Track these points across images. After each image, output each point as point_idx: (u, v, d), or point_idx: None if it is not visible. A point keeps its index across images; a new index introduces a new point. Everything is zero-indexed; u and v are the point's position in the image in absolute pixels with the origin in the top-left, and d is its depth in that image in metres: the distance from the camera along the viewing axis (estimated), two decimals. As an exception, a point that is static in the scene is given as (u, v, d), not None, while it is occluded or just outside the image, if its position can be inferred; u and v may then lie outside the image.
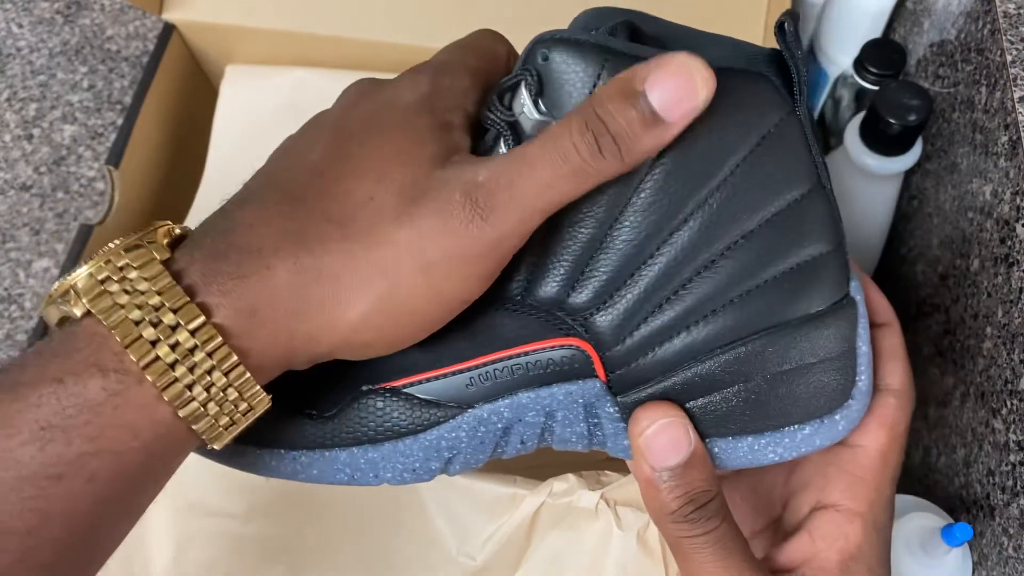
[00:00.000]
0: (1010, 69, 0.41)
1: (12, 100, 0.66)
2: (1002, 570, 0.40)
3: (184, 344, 0.24)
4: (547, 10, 0.54)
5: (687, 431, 0.28)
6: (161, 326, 0.24)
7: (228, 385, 0.25)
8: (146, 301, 0.24)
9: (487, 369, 0.29)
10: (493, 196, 0.25)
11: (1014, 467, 0.38)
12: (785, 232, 0.28)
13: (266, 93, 0.56)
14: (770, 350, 0.28)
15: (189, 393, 0.24)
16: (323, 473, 0.29)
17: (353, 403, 0.29)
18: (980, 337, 0.43)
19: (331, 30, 0.55)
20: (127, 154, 0.53)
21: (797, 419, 0.29)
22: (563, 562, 0.42)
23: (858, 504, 0.30)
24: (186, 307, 0.24)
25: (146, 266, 0.25)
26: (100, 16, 0.69)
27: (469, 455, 0.30)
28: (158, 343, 0.24)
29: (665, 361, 0.28)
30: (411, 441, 0.29)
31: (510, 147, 0.27)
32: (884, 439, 0.30)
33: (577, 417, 0.29)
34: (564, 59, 0.26)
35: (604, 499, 0.41)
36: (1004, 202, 0.41)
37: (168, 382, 0.24)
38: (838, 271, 0.29)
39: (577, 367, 0.29)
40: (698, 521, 0.28)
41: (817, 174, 0.28)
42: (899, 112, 0.45)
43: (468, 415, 0.29)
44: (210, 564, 0.42)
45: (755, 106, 0.27)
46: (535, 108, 0.27)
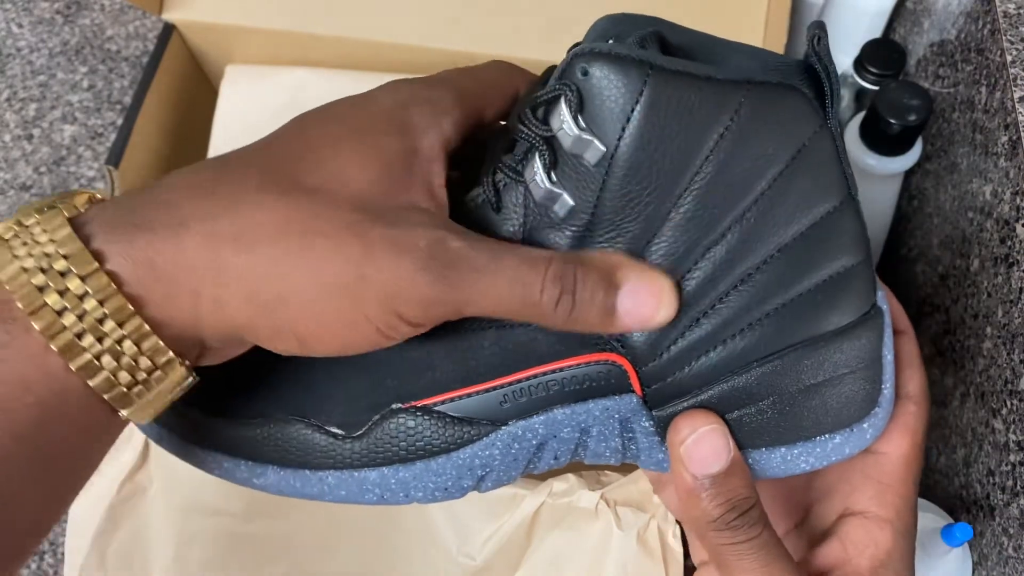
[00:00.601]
0: (1010, 69, 0.41)
1: (12, 100, 0.66)
2: (1002, 570, 0.40)
3: (74, 291, 0.23)
4: (547, 10, 0.54)
5: (727, 439, 0.28)
6: (51, 272, 0.23)
7: (124, 337, 0.24)
8: (41, 251, 0.23)
9: (522, 386, 0.28)
10: (453, 266, 0.25)
11: (1014, 467, 0.38)
12: (818, 245, 0.28)
13: (266, 93, 0.56)
14: (805, 362, 0.28)
15: (79, 342, 0.23)
16: (351, 494, 0.29)
17: (382, 422, 0.28)
18: (980, 337, 0.43)
19: (331, 30, 0.55)
20: (127, 154, 0.53)
21: (828, 428, 0.29)
22: (563, 562, 0.42)
23: (886, 511, 0.30)
24: (79, 253, 0.23)
25: (50, 219, 0.24)
26: (100, 16, 0.69)
27: (502, 472, 0.29)
28: (46, 289, 0.23)
29: (701, 375, 0.28)
30: (444, 460, 0.29)
31: (545, 162, 0.27)
32: (907, 445, 0.31)
33: (612, 432, 0.29)
34: (605, 74, 0.26)
35: (604, 499, 0.41)
36: (1004, 202, 0.41)
37: (56, 329, 0.23)
38: (867, 282, 0.29)
39: (613, 382, 0.29)
40: (741, 528, 0.28)
41: (848, 186, 0.28)
42: (899, 112, 0.45)
43: (502, 432, 0.29)
44: (210, 563, 0.42)
45: (790, 120, 0.27)
46: (575, 124, 0.26)
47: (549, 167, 0.27)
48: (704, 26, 0.30)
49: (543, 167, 0.27)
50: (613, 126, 0.26)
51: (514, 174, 0.27)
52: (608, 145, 0.26)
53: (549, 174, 0.27)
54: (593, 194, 0.26)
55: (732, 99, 0.26)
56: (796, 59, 0.28)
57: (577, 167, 0.26)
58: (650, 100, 0.25)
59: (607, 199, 0.26)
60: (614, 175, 0.26)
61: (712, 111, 0.26)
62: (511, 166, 0.27)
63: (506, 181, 0.27)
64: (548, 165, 0.27)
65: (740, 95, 0.26)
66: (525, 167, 0.27)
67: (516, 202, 0.27)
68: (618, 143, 0.26)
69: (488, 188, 0.28)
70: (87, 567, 0.42)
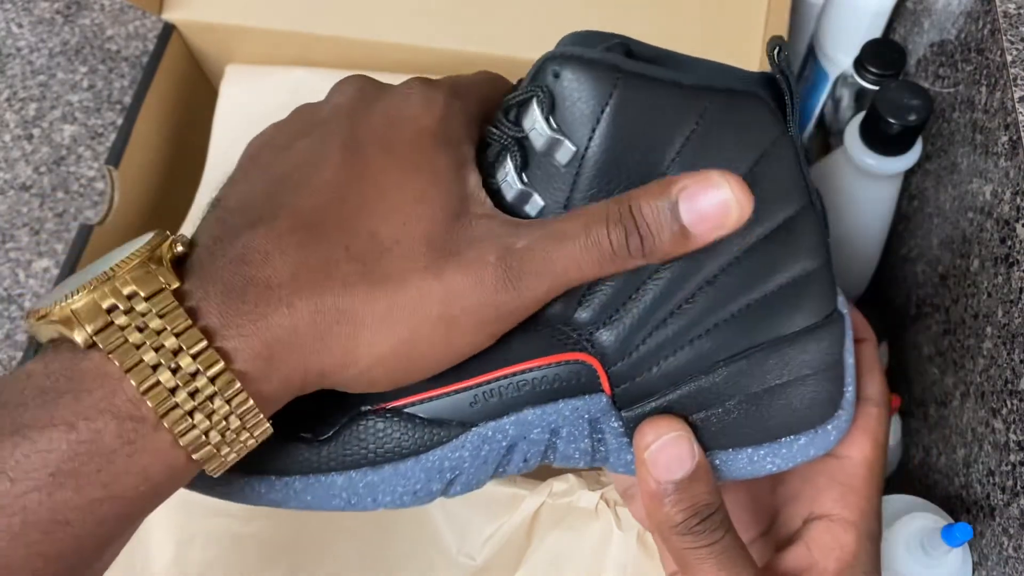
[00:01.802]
0: (1010, 69, 0.41)
1: (12, 100, 0.66)
2: (1002, 570, 0.40)
3: (203, 391, 0.23)
4: (547, 10, 0.54)
5: (691, 445, 0.29)
6: (180, 372, 0.23)
7: (242, 428, 0.25)
8: (161, 343, 0.23)
9: (492, 386, 0.28)
10: (526, 265, 0.25)
11: (1014, 467, 0.38)
12: (780, 248, 0.28)
13: (266, 93, 0.56)
14: (770, 362, 0.29)
15: (205, 438, 0.24)
16: (317, 499, 0.29)
17: (351, 425, 0.28)
18: (980, 337, 0.43)
19: (331, 30, 0.55)
20: (127, 154, 0.53)
21: (793, 429, 0.30)
22: (563, 562, 0.42)
23: (851, 513, 0.31)
24: (206, 353, 0.23)
25: (156, 297, 0.23)
26: (100, 16, 0.69)
27: (471, 475, 0.29)
28: (177, 390, 0.23)
29: (669, 375, 0.29)
30: (412, 463, 0.28)
31: (516, 164, 0.27)
32: (869, 448, 0.31)
33: (582, 433, 0.29)
34: (576, 77, 0.26)
35: (604, 499, 0.41)
36: (1004, 202, 0.41)
37: (186, 429, 0.23)
38: (828, 286, 0.30)
39: (583, 382, 0.29)
40: (703, 533, 0.28)
41: (808, 193, 0.29)
42: (899, 112, 0.45)
43: (472, 434, 0.29)
44: (210, 564, 0.42)
45: (753, 126, 0.27)
46: (547, 125, 0.27)
47: (520, 168, 0.27)
48: (705, 26, 0.31)
49: (515, 168, 0.27)
50: (584, 127, 0.26)
51: (486, 176, 0.28)
52: (579, 145, 0.26)
53: (520, 175, 0.27)
54: (563, 194, 0.27)
55: (697, 104, 0.27)
56: (759, 72, 0.29)
57: (548, 167, 0.27)
58: (619, 102, 0.26)
59: (577, 199, 0.27)
60: (584, 175, 0.27)
61: (678, 115, 0.26)
62: (484, 168, 0.28)
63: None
64: (519, 166, 0.27)
65: (705, 100, 0.27)
66: (496, 169, 0.28)
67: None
68: (588, 143, 0.26)
69: None
70: (87, 567, 0.42)
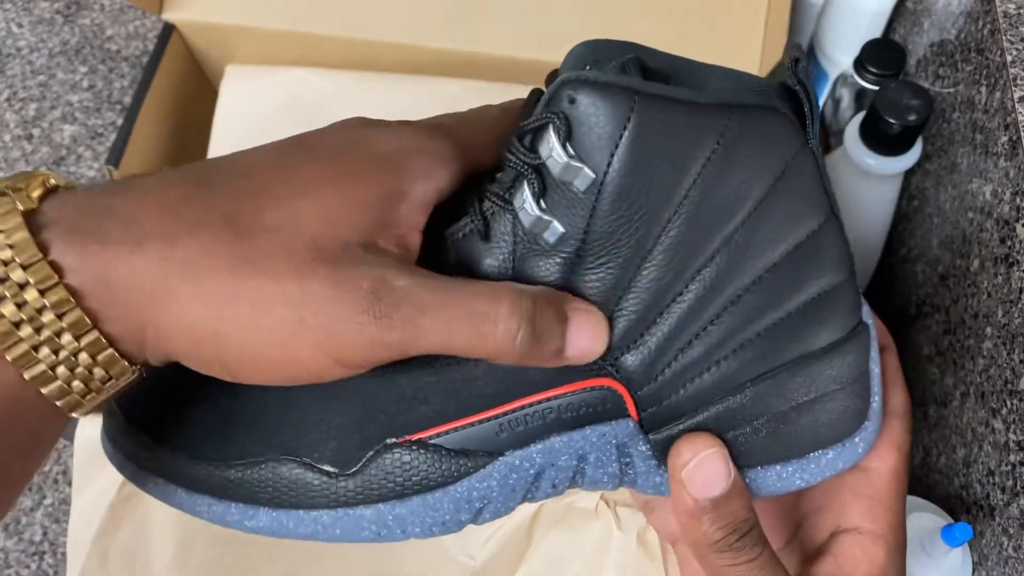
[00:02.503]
0: (1010, 69, 0.41)
1: (12, 100, 0.66)
2: (1002, 570, 0.40)
3: (32, 304, 0.23)
4: (547, 10, 0.54)
5: (728, 462, 0.29)
6: (8, 282, 0.22)
7: (80, 349, 0.23)
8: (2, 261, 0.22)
9: (518, 415, 0.28)
10: (398, 307, 0.24)
11: (1014, 467, 0.38)
12: (804, 264, 0.28)
13: (266, 93, 0.56)
14: (798, 379, 0.29)
15: (35, 355, 0.23)
16: (346, 532, 0.28)
17: (376, 458, 0.28)
18: (980, 337, 0.43)
19: (331, 30, 0.55)
20: (127, 154, 0.53)
21: (821, 444, 0.29)
22: (563, 562, 0.42)
23: (879, 526, 0.30)
24: (38, 264, 0.23)
25: (5, 216, 0.23)
26: (100, 16, 0.69)
27: (500, 503, 0.29)
28: (3, 300, 0.22)
29: (696, 397, 0.28)
30: (440, 494, 0.28)
31: (535, 191, 0.27)
32: (895, 460, 0.31)
33: (610, 458, 0.29)
34: (592, 101, 0.26)
35: (604, 499, 0.41)
36: (1004, 202, 0.41)
37: (12, 341, 0.23)
38: (853, 298, 0.29)
39: (609, 407, 0.29)
40: (742, 550, 0.28)
41: (830, 204, 0.28)
42: (899, 112, 0.45)
43: (499, 463, 0.28)
44: (211, 563, 0.42)
45: (773, 141, 0.27)
46: (564, 151, 0.26)
47: (538, 194, 0.27)
48: (705, 26, 0.30)
49: (532, 195, 0.27)
50: (602, 153, 0.26)
51: (502, 202, 0.27)
52: (597, 171, 0.26)
53: (538, 201, 0.27)
54: (583, 220, 0.27)
55: (717, 123, 0.26)
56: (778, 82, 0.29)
57: (566, 194, 0.26)
58: (637, 126, 0.26)
59: (597, 225, 0.27)
60: (604, 201, 0.26)
61: (698, 135, 0.26)
62: (499, 194, 0.27)
63: (494, 209, 0.27)
64: (537, 193, 0.27)
65: (724, 118, 0.26)
66: (514, 195, 0.27)
67: (505, 230, 0.27)
68: (607, 169, 0.26)
69: (476, 217, 0.27)
70: (88, 567, 0.42)
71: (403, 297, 0.24)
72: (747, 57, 0.52)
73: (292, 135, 0.28)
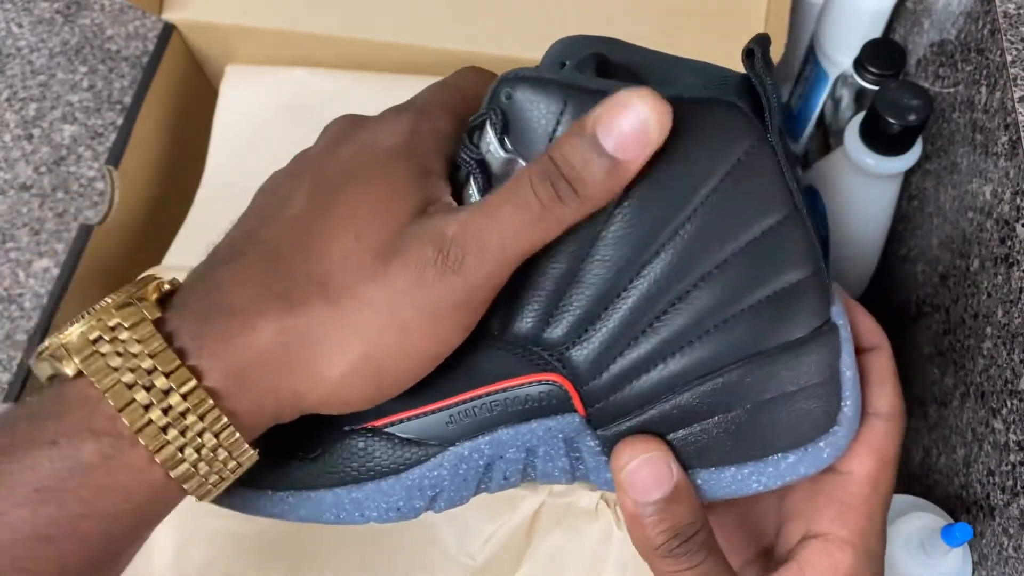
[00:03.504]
0: (1010, 69, 0.41)
1: (12, 100, 0.66)
2: (1002, 570, 0.40)
3: (176, 408, 0.24)
4: (547, 10, 0.54)
5: (669, 465, 0.28)
6: (154, 390, 0.24)
7: (218, 446, 0.25)
8: (138, 364, 0.24)
9: (466, 406, 0.29)
10: (464, 249, 0.25)
11: (1014, 467, 0.38)
12: (761, 260, 0.28)
13: (266, 93, 0.56)
14: (748, 380, 0.28)
15: (181, 455, 0.25)
16: (310, 513, 0.30)
17: (336, 444, 0.29)
18: (980, 337, 0.43)
19: (331, 30, 0.55)
20: (127, 154, 0.53)
21: (780, 448, 0.29)
22: (563, 562, 0.42)
23: (849, 532, 0.29)
24: (178, 371, 0.24)
25: (137, 327, 0.25)
26: (100, 16, 0.69)
27: (453, 492, 0.30)
28: (151, 407, 0.24)
29: (643, 394, 0.28)
30: (393, 480, 0.29)
31: (479, 185, 0.27)
32: (873, 465, 0.30)
33: (558, 452, 0.29)
34: (527, 97, 0.26)
35: (604, 499, 0.41)
36: (1004, 202, 0.41)
37: (160, 445, 0.24)
38: (818, 297, 0.28)
39: (555, 402, 0.29)
40: (684, 556, 0.28)
41: (792, 200, 0.28)
42: (899, 112, 0.45)
43: (449, 453, 0.29)
44: (210, 564, 0.42)
45: (724, 135, 0.27)
46: (501, 146, 0.27)
47: (484, 189, 0.27)
48: (704, 26, 0.30)
49: (478, 189, 0.28)
50: (537, 146, 0.26)
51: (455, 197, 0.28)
52: None
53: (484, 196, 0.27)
54: None
55: None
56: (741, 74, 0.28)
57: None
58: (571, 120, 0.26)
59: None
60: None
61: None
62: (457, 190, 0.28)
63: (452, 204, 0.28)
64: (482, 187, 0.27)
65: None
66: (464, 190, 0.28)
67: None
68: None
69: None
70: (87, 567, 0.42)
71: (461, 238, 0.25)
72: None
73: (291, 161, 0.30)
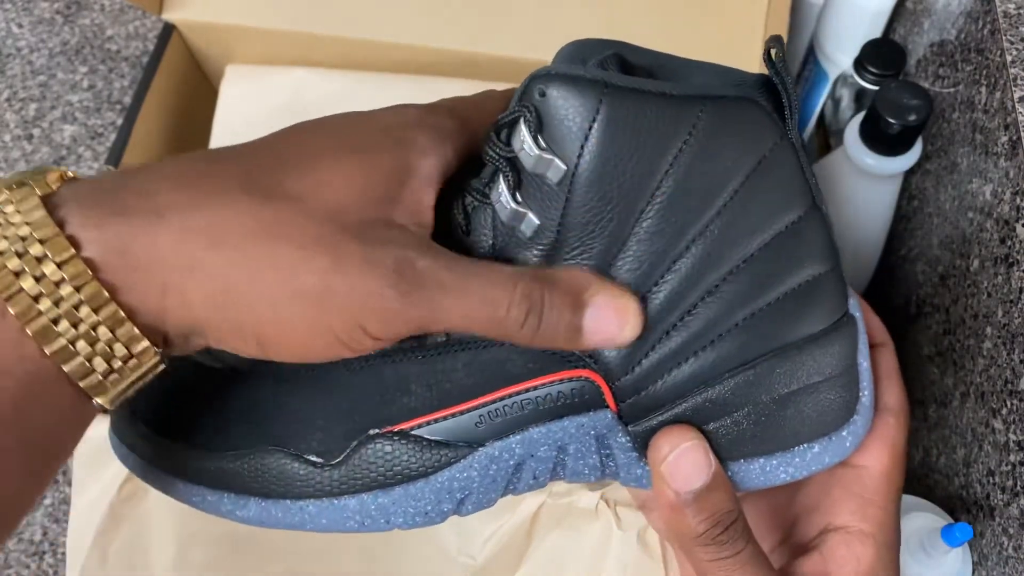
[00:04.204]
0: (1010, 69, 0.41)
1: (12, 100, 0.66)
2: (1002, 570, 0.40)
3: (50, 276, 0.23)
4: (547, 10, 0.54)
5: (708, 454, 0.29)
6: (27, 256, 0.23)
7: (99, 323, 0.24)
8: (16, 233, 0.23)
9: (496, 406, 0.28)
10: (421, 287, 0.25)
11: (1014, 467, 0.38)
12: (784, 254, 0.28)
13: (266, 93, 0.56)
14: (778, 371, 0.29)
15: (55, 328, 0.23)
16: (332, 522, 0.29)
17: (360, 448, 0.29)
18: (980, 337, 0.43)
19: (331, 30, 0.55)
20: (127, 154, 0.53)
21: (806, 438, 0.29)
22: (563, 562, 0.42)
23: (868, 525, 0.30)
24: (55, 238, 0.23)
25: (24, 201, 0.24)
26: (100, 16, 0.69)
27: (481, 494, 0.29)
28: (22, 274, 0.23)
29: (675, 388, 0.29)
30: (422, 484, 0.29)
31: (510, 184, 0.27)
32: (887, 459, 0.31)
33: (589, 449, 0.29)
34: (562, 94, 0.26)
35: (604, 499, 0.41)
36: (1004, 202, 0.41)
37: (32, 315, 0.23)
38: (837, 290, 0.29)
39: (587, 398, 0.29)
40: (726, 543, 0.28)
41: (812, 196, 0.29)
42: (899, 112, 0.45)
43: (479, 454, 0.29)
44: (211, 563, 0.42)
45: (749, 132, 0.27)
46: (535, 144, 0.27)
47: (514, 188, 0.27)
48: (705, 27, 0.30)
49: (508, 188, 0.27)
50: (572, 144, 0.26)
51: (481, 196, 0.28)
52: (568, 163, 0.26)
53: (514, 194, 0.27)
54: (557, 212, 0.27)
55: (689, 114, 0.26)
56: (758, 74, 0.29)
57: (540, 186, 0.27)
58: (607, 118, 0.26)
59: (571, 216, 0.27)
60: (576, 192, 0.27)
61: (669, 126, 0.26)
62: (479, 189, 0.28)
63: (475, 204, 0.28)
64: (513, 186, 0.27)
65: (697, 110, 0.26)
66: (491, 189, 0.28)
67: (485, 224, 0.28)
68: (578, 161, 0.26)
69: (458, 212, 0.28)
70: (88, 567, 0.42)
71: (425, 278, 0.25)
72: (747, 57, 0.52)
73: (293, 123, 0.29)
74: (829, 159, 0.52)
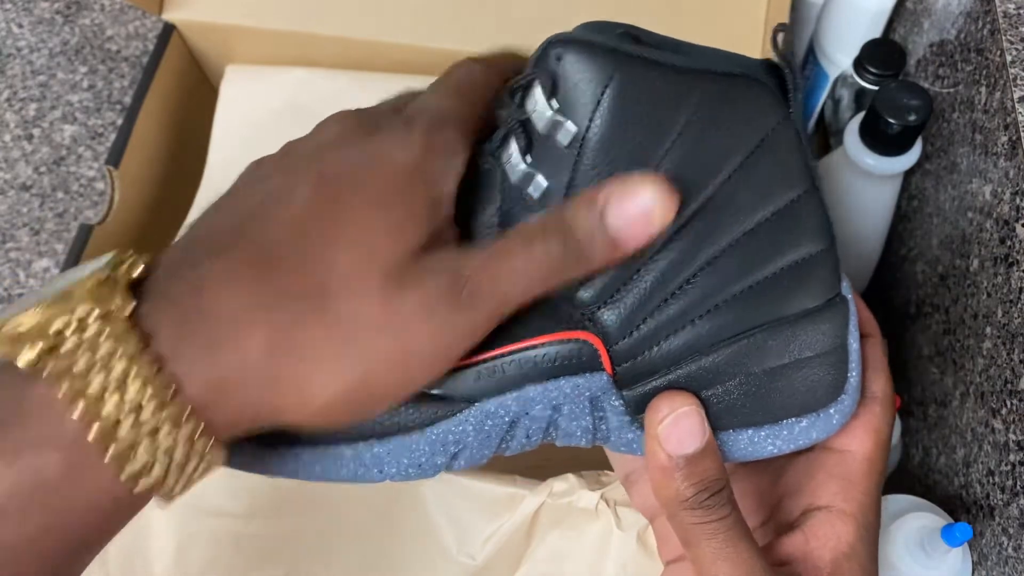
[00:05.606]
0: (1010, 69, 0.41)
1: (12, 100, 0.66)
2: (1002, 570, 0.40)
3: (149, 422, 0.23)
4: (547, 10, 0.54)
5: (703, 420, 0.29)
6: (126, 400, 0.22)
7: (189, 458, 0.24)
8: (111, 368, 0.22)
9: (495, 363, 0.29)
10: (477, 289, 0.26)
11: (1014, 467, 0.38)
12: (783, 231, 0.29)
13: (266, 93, 0.56)
14: (770, 343, 0.29)
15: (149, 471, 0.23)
16: (326, 470, 0.29)
17: None
18: (980, 337, 0.43)
19: (331, 30, 0.55)
20: (127, 154, 0.53)
21: (795, 412, 0.30)
22: (563, 562, 0.42)
23: (850, 505, 0.31)
24: (156, 381, 0.23)
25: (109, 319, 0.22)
26: (100, 16, 0.69)
27: (475, 450, 0.30)
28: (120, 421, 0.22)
29: (670, 355, 0.29)
30: (417, 436, 0.29)
31: (521, 146, 0.28)
32: (870, 444, 0.31)
33: (583, 411, 0.30)
34: (577, 59, 0.27)
35: (604, 499, 0.41)
36: (1004, 202, 0.41)
37: (130, 461, 0.23)
38: (832, 269, 0.30)
39: (584, 360, 0.29)
40: (713, 508, 0.29)
41: (811, 176, 0.29)
42: (899, 112, 0.45)
43: (475, 409, 0.29)
44: (210, 564, 0.42)
45: (753, 110, 0.28)
46: (549, 106, 0.27)
47: (525, 149, 0.28)
48: (705, 25, 0.31)
49: (519, 149, 0.28)
50: (584, 108, 0.27)
51: (492, 158, 0.28)
52: (580, 126, 0.27)
53: (524, 156, 0.28)
54: (566, 174, 0.28)
55: (697, 87, 0.27)
56: (764, 59, 0.30)
57: (551, 149, 0.28)
58: (619, 85, 0.27)
59: (579, 179, 0.28)
60: (585, 155, 0.27)
61: (678, 99, 0.27)
62: (490, 151, 0.28)
63: (485, 166, 0.29)
64: (523, 147, 0.28)
65: (706, 84, 0.27)
66: (503, 151, 0.28)
67: (494, 185, 0.28)
68: (589, 124, 0.27)
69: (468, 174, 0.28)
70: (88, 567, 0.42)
71: (475, 279, 0.26)
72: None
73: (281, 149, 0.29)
74: (829, 159, 0.52)
